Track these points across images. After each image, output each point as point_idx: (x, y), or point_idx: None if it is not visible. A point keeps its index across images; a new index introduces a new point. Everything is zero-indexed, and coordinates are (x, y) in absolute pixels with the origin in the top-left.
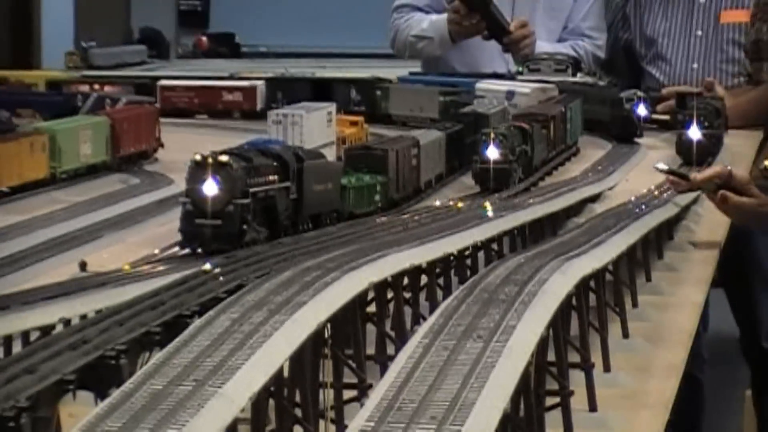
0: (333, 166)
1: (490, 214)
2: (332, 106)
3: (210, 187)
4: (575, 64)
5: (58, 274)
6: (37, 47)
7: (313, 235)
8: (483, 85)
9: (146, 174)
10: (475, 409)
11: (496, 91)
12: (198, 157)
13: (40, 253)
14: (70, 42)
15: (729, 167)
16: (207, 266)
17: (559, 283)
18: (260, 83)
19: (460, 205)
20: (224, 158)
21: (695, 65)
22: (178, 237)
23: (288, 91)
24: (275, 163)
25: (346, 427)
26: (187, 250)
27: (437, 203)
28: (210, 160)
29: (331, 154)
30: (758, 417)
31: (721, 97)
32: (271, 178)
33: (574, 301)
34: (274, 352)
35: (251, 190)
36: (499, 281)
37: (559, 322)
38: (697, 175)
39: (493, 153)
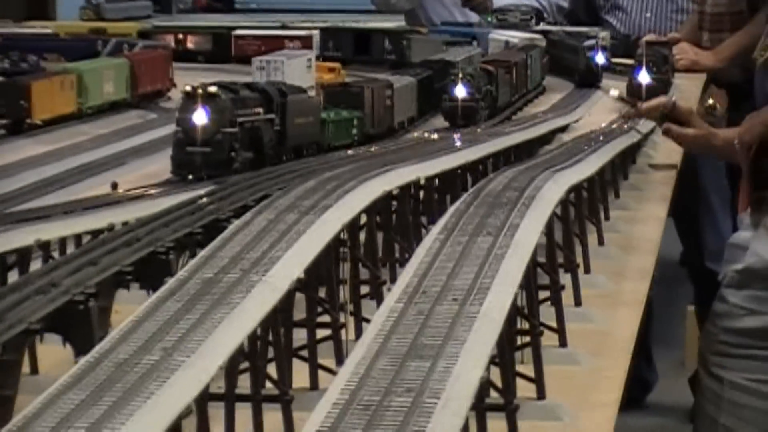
0: (313, 101)
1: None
2: (312, 53)
3: (200, 117)
4: (538, 15)
5: (91, 194)
6: (52, 2)
7: (321, 158)
8: (493, 35)
9: (161, 110)
10: (491, 293)
11: (499, 40)
12: (188, 89)
13: (72, 176)
14: None
15: (673, 98)
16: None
17: (553, 189)
18: (315, 33)
19: (435, 136)
20: (213, 89)
21: (648, 14)
22: None
23: (335, 40)
24: (260, 96)
25: (363, 319)
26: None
27: (415, 134)
28: (200, 91)
29: None
30: (700, 326)
31: (673, 42)
32: (256, 110)
33: (558, 211)
34: (308, 247)
35: (238, 120)
36: (501, 188)
37: (552, 225)
38: (644, 104)
39: (460, 92)
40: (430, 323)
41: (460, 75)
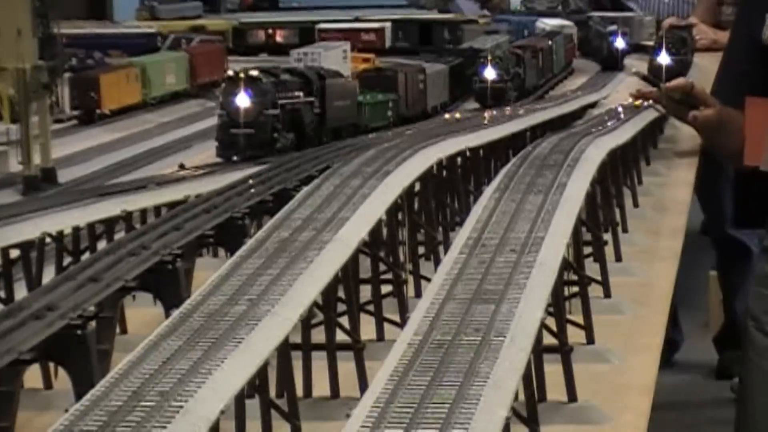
0: (350, 85)
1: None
2: (347, 45)
3: (243, 99)
4: (564, 3)
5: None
6: (110, 4)
7: (365, 137)
8: (539, 23)
9: (218, 98)
10: (545, 244)
11: (540, 27)
12: (231, 73)
13: (143, 159)
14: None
15: (691, 80)
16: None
17: (595, 152)
18: (387, 25)
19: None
20: (254, 73)
21: None
22: None
23: (404, 31)
24: (300, 80)
25: (422, 277)
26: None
27: (447, 115)
28: (242, 75)
29: None
30: (723, 290)
31: (692, 26)
32: (297, 93)
33: (597, 176)
34: (373, 209)
35: (280, 102)
36: (547, 152)
37: (594, 186)
38: (666, 84)
39: (490, 73)
40: (492, 271)
41: (490, 57)
